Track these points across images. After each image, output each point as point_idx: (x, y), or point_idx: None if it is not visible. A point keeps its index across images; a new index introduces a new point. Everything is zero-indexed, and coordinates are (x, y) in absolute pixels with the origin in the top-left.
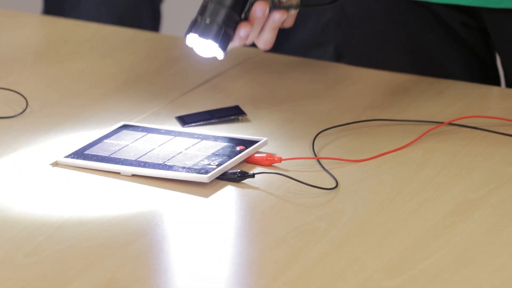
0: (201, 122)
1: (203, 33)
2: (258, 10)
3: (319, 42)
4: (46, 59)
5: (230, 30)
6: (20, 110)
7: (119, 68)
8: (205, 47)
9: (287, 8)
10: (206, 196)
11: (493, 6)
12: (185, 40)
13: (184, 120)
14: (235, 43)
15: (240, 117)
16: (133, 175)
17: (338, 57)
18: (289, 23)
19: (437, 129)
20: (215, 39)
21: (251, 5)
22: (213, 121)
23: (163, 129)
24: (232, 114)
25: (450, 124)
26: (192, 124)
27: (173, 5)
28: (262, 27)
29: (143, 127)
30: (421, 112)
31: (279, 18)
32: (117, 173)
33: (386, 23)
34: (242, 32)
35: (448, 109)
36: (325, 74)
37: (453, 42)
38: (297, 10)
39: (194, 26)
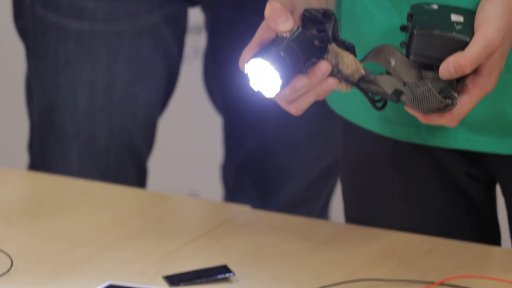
0: (189, 282)
1: (273, 61)
2: (322, 68)
3: (307, 199)
4: (32, 216)
5: (294, 73)
6: (5, 270)
7: (106, 225)
8: (261, 78)
9: (345, 79)
10: None
11: (503, 153)
12: (245, 65)
13: (172, 280)
14: (285, 90)
15: (228, 277)
16: None
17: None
18: (324, 96)
19: None
20: (284, 70)
21: (312, 63)
22: (201, 281)
23: None
24: (220, 273)
25: (442, 284)
26: (180, 284)
27: (160, 162)
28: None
29: (130, 287)
30: (412, 271)
31: (331, 84)
32: None
33: (387, 168)
34: (299, 83)
35: (439, 269)
36: (313, 232)
37: (455, 194)
38: (350, 87)
39: (265, 54)
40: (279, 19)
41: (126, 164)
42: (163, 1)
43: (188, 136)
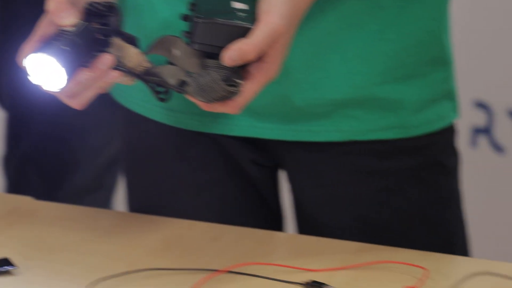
0: None
1: (57, 55)
2: (104, 61)
3: (93, 189)
4: None
5: (77, 67)
6: None
7: None
8: (44, 72)
9: (129, 72)
10: None
11: (287, 139)
12: (24, 60)
13: None
14: (69, 84)
15: (10, 270)
16: None
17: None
18: (106, 89)
19: (214, 278)
20: (68, 64)
21: (95, 57)
22: None
23: None
24: (1, 266)
25: (229, 272)
26: None
27: None
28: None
29: None
30: (197, 260)
31: (113, 77)
32: None
33: (171, 157)
34: (82, 77)
35: (225, 256)
36: (96, 222)
37: (240, 181)
38: (134, 80)
39: (48, 49)
40: (62, 13)
41: None
42: None
43: None
